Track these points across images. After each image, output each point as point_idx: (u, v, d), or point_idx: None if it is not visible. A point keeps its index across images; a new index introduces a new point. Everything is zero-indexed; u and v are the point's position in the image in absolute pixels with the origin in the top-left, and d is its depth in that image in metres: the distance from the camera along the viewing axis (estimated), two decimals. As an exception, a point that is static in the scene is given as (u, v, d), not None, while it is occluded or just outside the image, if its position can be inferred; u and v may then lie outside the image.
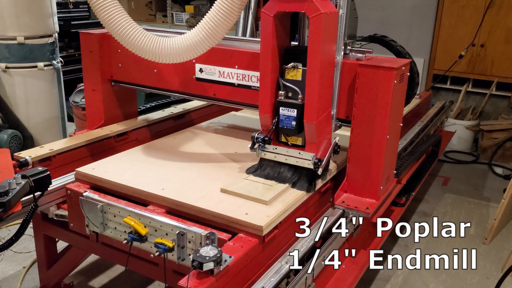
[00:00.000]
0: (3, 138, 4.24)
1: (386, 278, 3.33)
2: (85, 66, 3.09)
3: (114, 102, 3.16)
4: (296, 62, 2.25)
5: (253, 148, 2.36)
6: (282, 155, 2.34)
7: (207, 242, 1.80)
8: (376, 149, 2.35)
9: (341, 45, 2.36)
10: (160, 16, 7.70)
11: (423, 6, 6.21)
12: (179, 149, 2.79)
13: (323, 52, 2.14)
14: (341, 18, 2.32)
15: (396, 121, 2.44)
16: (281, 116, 2.28)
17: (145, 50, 2.33)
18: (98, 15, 2.31)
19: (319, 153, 2.30)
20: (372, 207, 2.38)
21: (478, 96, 6.19)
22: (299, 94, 2.25)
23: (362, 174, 2.42)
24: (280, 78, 2.29)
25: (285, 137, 2.37)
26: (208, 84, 2.77)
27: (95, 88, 3.09)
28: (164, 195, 2.17)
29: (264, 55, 2.25)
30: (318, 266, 2.12)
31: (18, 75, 4.39)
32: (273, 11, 2.15)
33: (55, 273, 2.86)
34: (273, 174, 2.36)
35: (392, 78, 2.22)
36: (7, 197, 1.96)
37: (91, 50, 3.02)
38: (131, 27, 2.32)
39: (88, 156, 2.80)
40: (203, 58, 2.63)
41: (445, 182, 5.08)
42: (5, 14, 4.18)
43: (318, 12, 2.06)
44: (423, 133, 3.84)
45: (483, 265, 3.51)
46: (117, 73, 3.07)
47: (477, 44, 5.92)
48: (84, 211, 2.18)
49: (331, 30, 2.21)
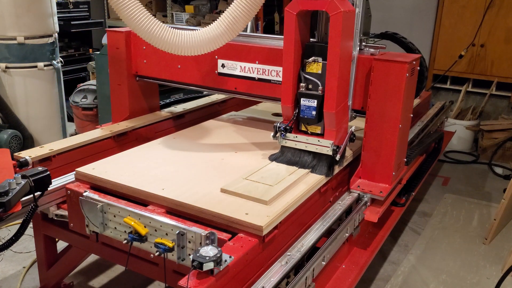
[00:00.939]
0: (3, 138, 4.24)
1: (386, 278, 3.33)
2: (111, 62, 3.25)
3: (138, 96, 3.34)
4: (316, 57, 2.43)
5: (275, 136, 2.54)
6: (303, 143, 2.52)
7: (207, 242, 1.80)
8: (389, 138, 2.56)
9: (357, 41, 2.55)
10: (160, 16, 7.70)
11: (423, 6, 6.21)
12: (179, 149, 2.79)
13: (342, 47, 2.31)
14: (358, 16, 2.49)
15: (407, 112, 2.64)
16: (302, 106, 2.47)
17: (167, 43, 2.43)
18: (120, 13, 2.38)
19: (337, 140, 2.48)
20: (386, 191, 2.61)
21: (478, 96, 6.19)
22: (319, 86, 2.42)
23: (376, 161, 2.64)
24: (301, 72, 2.47)
25: (305, 126, 2.55)
26: (230, 79, 2.96)
27: (120, 83, 3.25)
28: (164, 195, 2.17)
29: (287, 50, 2.42)
30: (318, 266, 2.13)
31: (18, 75, 4.40)
32: (296, 9, 2.32)
33: (55, 273, 2.86)
34: (294, 159, 2.54)
35: (405, 71, 2.42)
36: (7, 197, 1.96)
37: (117, 47, 3.17)
38: (153, 22, 2.40)
39: (88, 156, 2.80)
40: (225, 53, 2.90)
41: (445, 182, 5.09)
42: (5, 14, 4.18)
43: (338, 10, 2.22)
44: (423, 133, 3.84)
45: (483, 265, 3.51)
46: (142, 69, 3.24)
47: (477, 44, 5.93)
48: (84, 211, 2.18)
49: (349, 27, 2.38)
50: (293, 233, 2.26)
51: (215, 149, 2.81)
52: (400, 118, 2.51)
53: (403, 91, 2.46)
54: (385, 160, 2.62)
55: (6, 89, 4.40)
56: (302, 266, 2.05)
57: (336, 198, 2.65)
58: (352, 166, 2.83)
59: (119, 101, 3.30)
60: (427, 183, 4.92)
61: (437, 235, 3.93)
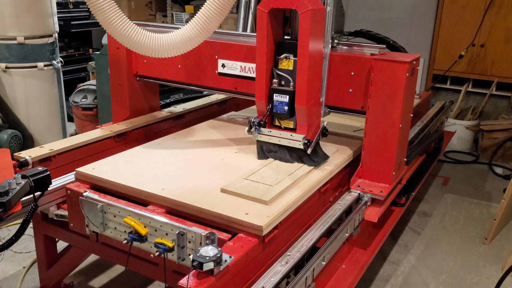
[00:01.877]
0: (3, 138, 4.24)
1: (386, 278, 3.33)
2: (111, 62, 3.25)
3: (139, 96, 3.34)
4: (288, 54, 2.49)
5: (250, 131, 2.60)
6: (276, 137, 2.59)
7: (207, 242, 1.80)
8: (389, 138, 2.57)
9: (328, 39, 2.61)
10: (160, 16, 7.70)
11: (423, 6, 6.21)
12: (179, 149, 2.79)
13: (311, 44, 2.35)
14: (329, 14, 2.55)
15: (407, 111, 2.64)
16: (275, 101, 2.53)
17: (142, 46, 2.45)
18: (96, 15, 2.40)
19: (309, 135, 2.52)
20: (386, 191, 2.61)
21: (478, 96, 6.19)
22: (291, 82, 2.49)
23: (376, 161, 2.64)
24: (274, 68, 2.53)
25: (279, 121, 2.61)
26: (230, 79, 2.98)
27: (121, 82, 3.25)
28: (164, 195, 2.17)
29: (260, 47, 2.47)
30: (318, 266, 2.13)
31: (18, 75, 4.40)
32: (268, 7, 2.38)
33: (55, 273, 2.86)
34: (280, 155, 2.61)
35: (405, 71, 2.43)
36: (7, 197, 1.96)
37: (117, 47, 3.16)
38: (128, 26, 2.42)
39: (88, 156, 2.80)
40: (225, 53, 2.94)
41: (445, 182, 5.09)
42: (5, 14, 4.19)
43: (307, 9, 2.28)
44: (423, 133, 3.84)
45: (483, 265, 3.51)
46: (142, 69, 3.25)
47: (477, 44, 5.92)
48: (84, 211, 2.18)
49: (319, 25, 2.42)
50: (293, 233, 2.26)
51: (215, 149, 2.81)
52: (400, 118, 2.52)
53: (403, 91, 2.46)
54: (385, 160, 2.62)
55: (6, 89, 4.40)
56: (302, 266, 2.05)
57: (336, 198, 2.65)
58: (352, 166, 2.83)
59: (119, 101, 3.30)
60: (427, 183, 4.92)
61: (437, 235, 3.93)
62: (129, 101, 3.26)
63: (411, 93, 2.65)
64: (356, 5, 6.59)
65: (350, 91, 2.67)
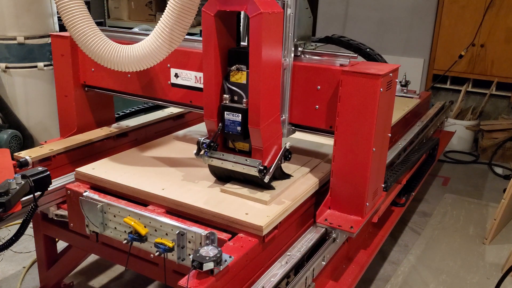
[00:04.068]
0: (3, 138, 4.24)
1: (386, 278, 3.33)
2: (56, 71, 2.93)
3: (87, 108, 3.01)
4: (240, 65, 2.11)
5: (199, 154, 2.23)
6: (229, 162, 2.21)
7: (207, 242, 1.80)
8: (361, 163, 2.16)
9: (290, 47, 2.22)
10: (160, 16, 7.70)
11: (423, 6, 6.21)
12: (179, 148, 2.79)
13: (265, 53, 1.98)
14: (289, 18, 2.16)
15: (383, 132, 2.25)
16: (226, 121, 2.14)
17: (104, 58, 2.24)
18: (62, 17, 2.21)
19: (267, 160, 2.15)
20: (357, 226, 2.18)
21: (478, 96, 6.19)
22: (244, 98, 2.12)
23: (347, 189, 2.24)
24: (225, 81, 2.15)
25: (232, 143, 2.25)
26: (184, 90, 2.60)
27: (67, 94, 2.93)
28: (164, 195, 2.17)
29: (206, 56, 2.10)
30: (318, 266, 2.13)
31: (18, 75, 4.40)
32: (214, 10, 2.01)
33: (55, 273, 2.86)
34: (249, 178, 2.24)
35: (378, 86, 2.04)
36: (7, 197, 1.96)
37: (62, 53, 2.86)
38: (93, 33, 2.22)
39: (88, 156, 2.80)
40: (178, 62, 2.53)
41: (445, 182, 5.09)
42: (5, 14, 4.19)
43: (258, 12, 1.91)
44: (423, 133, 3.83)
45: (483, 265, 3.51)
46: (90, 78, 2.90)
47: (477, 44, 5.93)
48: (84, 211, 2.18)
49: (275, 30, 2.04)
50: (293, 233, 2.26)
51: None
52: (373, 139, 2.11)
53: (377, 109, 2.06)
54: (357, 188, 2.21)
55: (6, 89, 4.40)
56: (302, 266, 2.05)
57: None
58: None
59: (66, 114, 2.97)
60: (427, 183, 4.92)
61: (437, 235, 3.93)
62: (76, 115, 2.93)
63: (388, 110, 2.27)
64: (356, 5, 6.60)
65: (317, 108, 2.27)
